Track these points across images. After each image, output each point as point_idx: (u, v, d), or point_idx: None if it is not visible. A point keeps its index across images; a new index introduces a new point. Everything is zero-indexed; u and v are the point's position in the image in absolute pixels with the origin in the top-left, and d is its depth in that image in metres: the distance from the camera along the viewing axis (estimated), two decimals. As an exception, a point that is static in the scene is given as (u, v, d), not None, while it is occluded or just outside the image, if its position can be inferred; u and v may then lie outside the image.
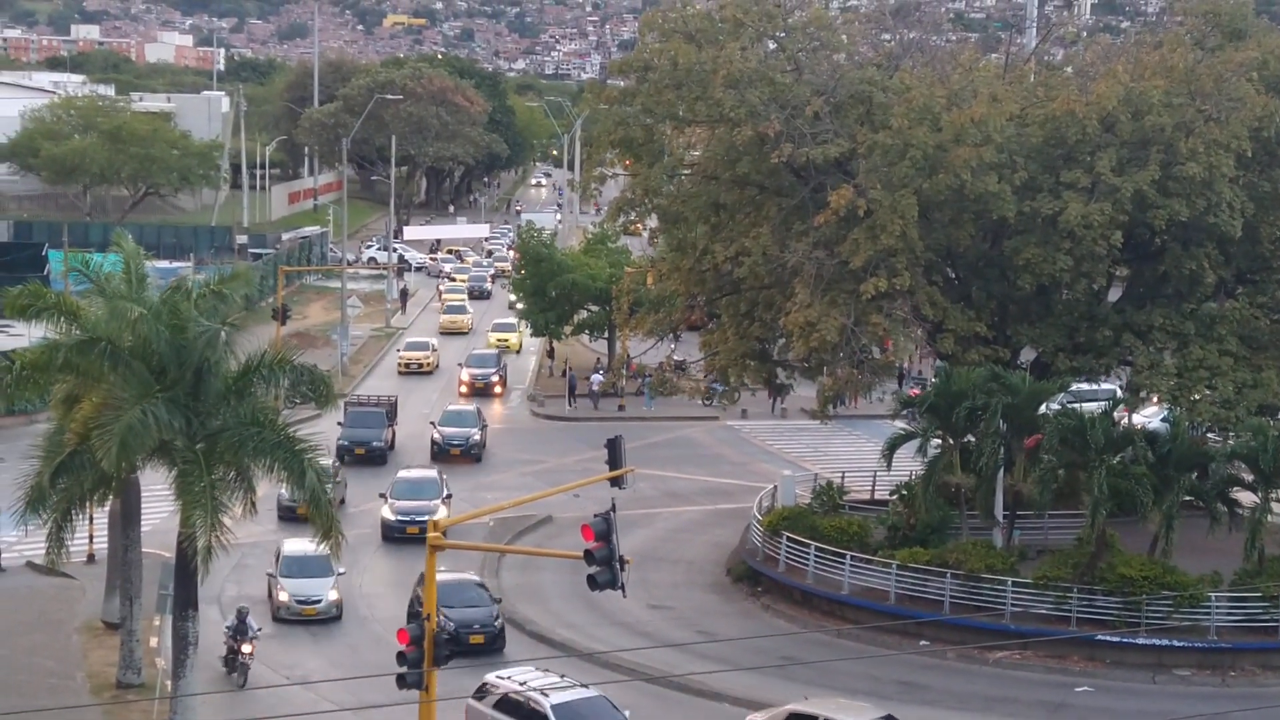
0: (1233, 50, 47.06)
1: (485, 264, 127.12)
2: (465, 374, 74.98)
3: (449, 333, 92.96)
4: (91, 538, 44.98)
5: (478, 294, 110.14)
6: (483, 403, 70.33)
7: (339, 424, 59.40)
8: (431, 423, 63.22)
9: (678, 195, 50.98)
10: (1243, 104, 44.30)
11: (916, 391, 54.46)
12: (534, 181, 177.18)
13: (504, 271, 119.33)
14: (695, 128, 51.04)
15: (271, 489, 43.34)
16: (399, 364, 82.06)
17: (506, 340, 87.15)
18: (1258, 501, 40.15)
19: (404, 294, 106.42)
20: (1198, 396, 44.70)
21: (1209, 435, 45.96)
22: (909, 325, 48.86)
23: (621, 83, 52.33)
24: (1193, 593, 39.10)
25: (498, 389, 75.10)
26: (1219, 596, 39.40)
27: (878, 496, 50.11)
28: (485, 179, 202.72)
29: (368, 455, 59.49)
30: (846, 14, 62.20)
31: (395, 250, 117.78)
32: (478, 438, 62.12)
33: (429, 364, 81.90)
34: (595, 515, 28.09)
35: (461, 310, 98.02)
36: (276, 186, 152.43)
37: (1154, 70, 45.62)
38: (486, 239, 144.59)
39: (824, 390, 49.94)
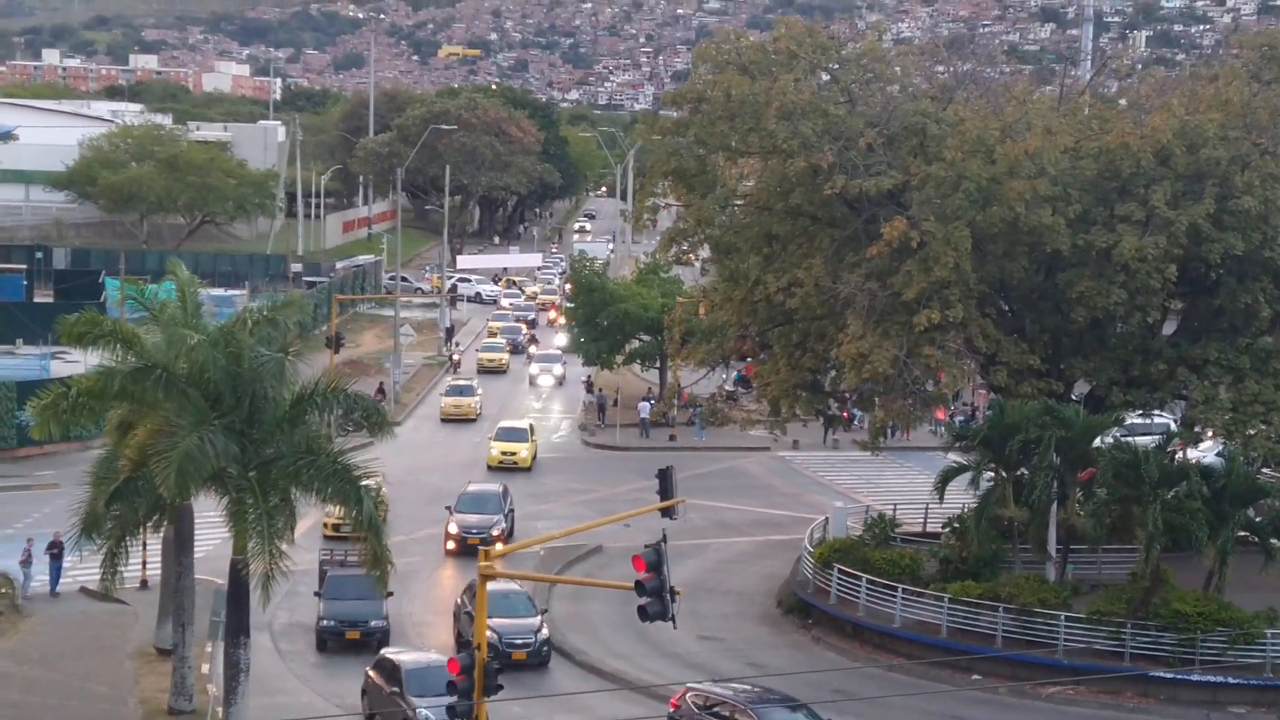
0: (1290, 84, 46.79)
1: (525, 306, 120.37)
2: (454, 524, 51.90)
3: (451, 420, 77.81)
4: (145, 564, 45.30)
5: (514, 347, 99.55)
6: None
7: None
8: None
9: (730, 226, 51.04)
10: (1298, 137, 44.02)
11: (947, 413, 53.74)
12: (577, 227, 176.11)
13: (550, 306, 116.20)
14: (748, 159, 51.10)
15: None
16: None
17: (515, 454, 65.66)
18: (1314, 538, 39.75)
19: (450, 331, 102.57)
20: (1253, 431, 44.29)
21: (1264, 470, 45.54)
22: (962, 357, 48.67)
23: (675, 114, 52.47)
24: (1248, 630, 38.73)
25: (499, 544, 48.98)
26: (1274, 633, 39.00)
27: (930, 529, 49.89)
28: (538, 209, 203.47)
29: (362, 639, 41.75)
30: (900, 46, 62.29)
31: (453, 279, 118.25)
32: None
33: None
34: (646, 546, 28.10)
35: (468, 392, 79.72)
36: (331, 215, 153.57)
37: (1209, 103, 45.40)
38: (539, 268, 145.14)
39: (876, 422, 49.81)
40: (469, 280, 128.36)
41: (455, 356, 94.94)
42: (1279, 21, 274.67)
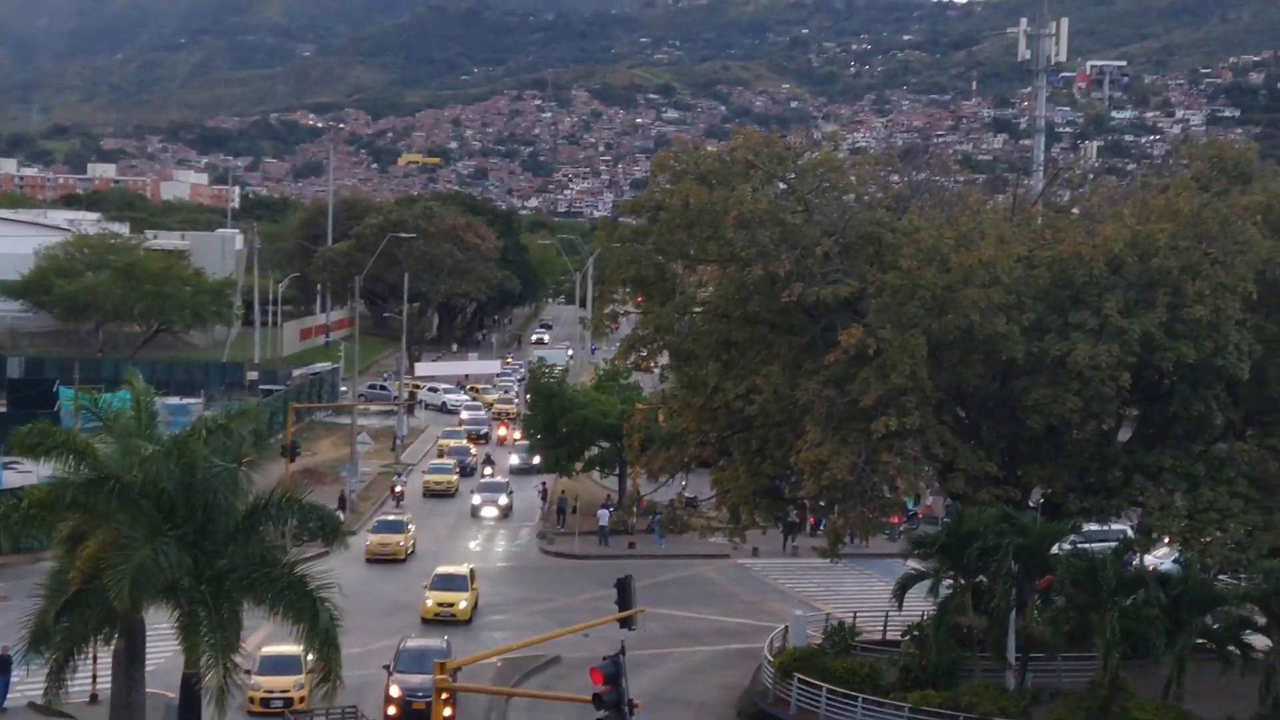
0: (1238, 194, 47.53)
1: (482, 419, 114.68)
2: (395, 685, 43.99)
3: (378, 560, 67.38)
4: (95, 677, 44.56)
5: (463, 469, 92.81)
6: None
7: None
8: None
9: (689, 333, 51.24)
10: (1248, 247, 44.61)
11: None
12: (535, 338, 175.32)
13: (501, 424, 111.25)
14: (706, 266, 51.42)
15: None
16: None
17: (452, 606, 56.48)
18: (1271, 645, 39.74)
19: (395, 440, 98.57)
20: (1209, 538, 44.44)
21: (1221, 577, 45.64)
22: (920, 464, 48.78)
23: (633, 221, 52.84)
24: (1208, 738, 38.60)
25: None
26: (1235, 742, 38.88)
27: (890, 637, 49.68)
28: (497, 315, 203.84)
29: None
30: (856, 156, 62.92)
31: (426, 387, 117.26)
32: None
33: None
34: (604, 658, 27.91)
35: (397, 528, 69.65)
36: (289, 323, 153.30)
37: (1160, 213, 45.99)
38: (498, 375, 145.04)
39: (835, 529, 49.74)
40: (436, 389, 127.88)
41: (398, 486, 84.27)
42: (1226, 133, 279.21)
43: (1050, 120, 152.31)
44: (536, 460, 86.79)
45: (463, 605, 56.55)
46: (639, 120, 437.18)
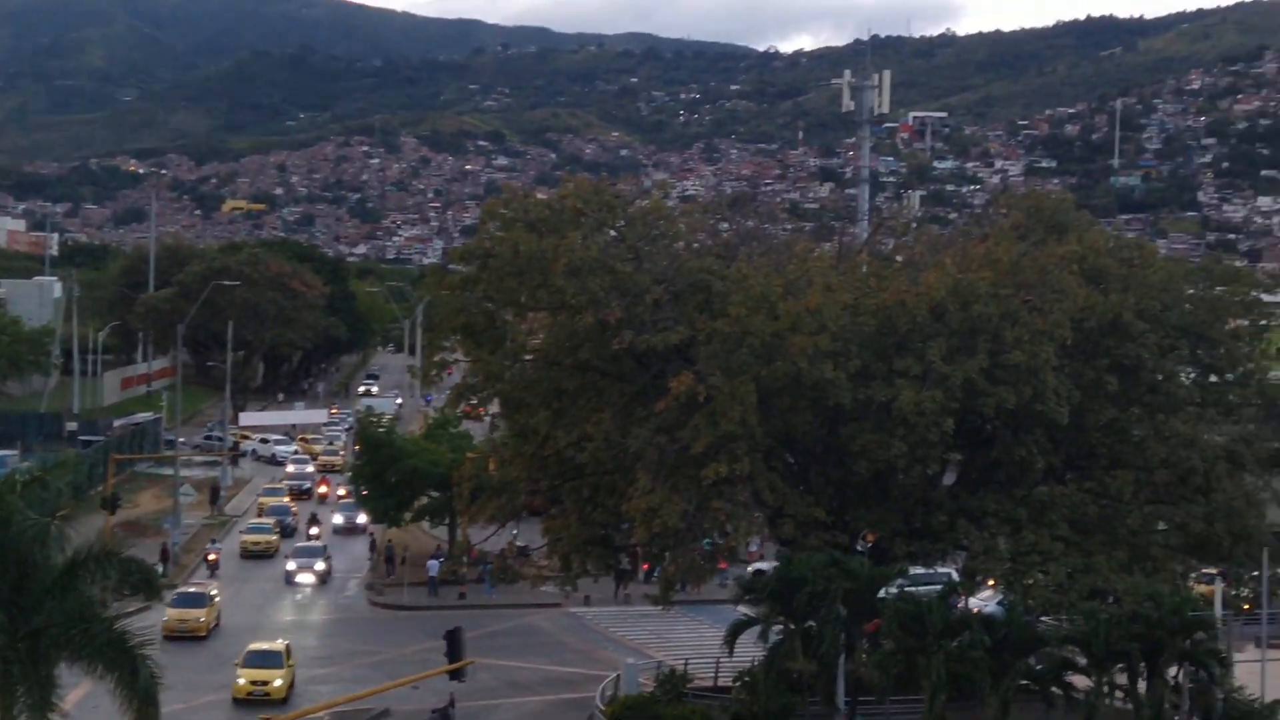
0: (1055, 243, 48.81)
1: (309, 470, 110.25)
2: None
3: (177, 636, 58.89)
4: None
5: (284, 529, 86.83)
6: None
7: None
8: None
9: (519, 381, 51.06)
10: (1065, 295, 45.78)
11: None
12: (362, 390, 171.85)
13: (321, 481, 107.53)
14: (537, 314, 51.36)
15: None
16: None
17: (266, 685, 51.20)
18: (1092, 685, 40.57)
19: (214, 491, 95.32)
20: (1031, 581, 45.32)
21: (1044, 619, 46.53)
22: (750, 510, 49.09)
23: (463, 269, 52.59)
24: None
25: None
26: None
27: (721, 683, 49.77)
28: (324, 364, 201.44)
29: None
30: (685, 204, 63.44)
31: (237, 436, 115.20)
32: None
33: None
34: (433, 710, 27.58)
35: (198, 601, 62.74)
36: (109, 372, 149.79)
37: (980, 262, 47.01)
38: (325, 425, 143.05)
39: (666, 575, 49.81)
40: (267, 440, 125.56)
41: (211, 554, 77.36)
42: (1044, 183, 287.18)
43: (874, 170, 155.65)
44: (362, 519, 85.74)
45: (278, 683, 51.60)
46: (468, 167, 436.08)
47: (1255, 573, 51.51)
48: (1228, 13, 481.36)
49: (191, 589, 66.37)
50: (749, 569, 59.79)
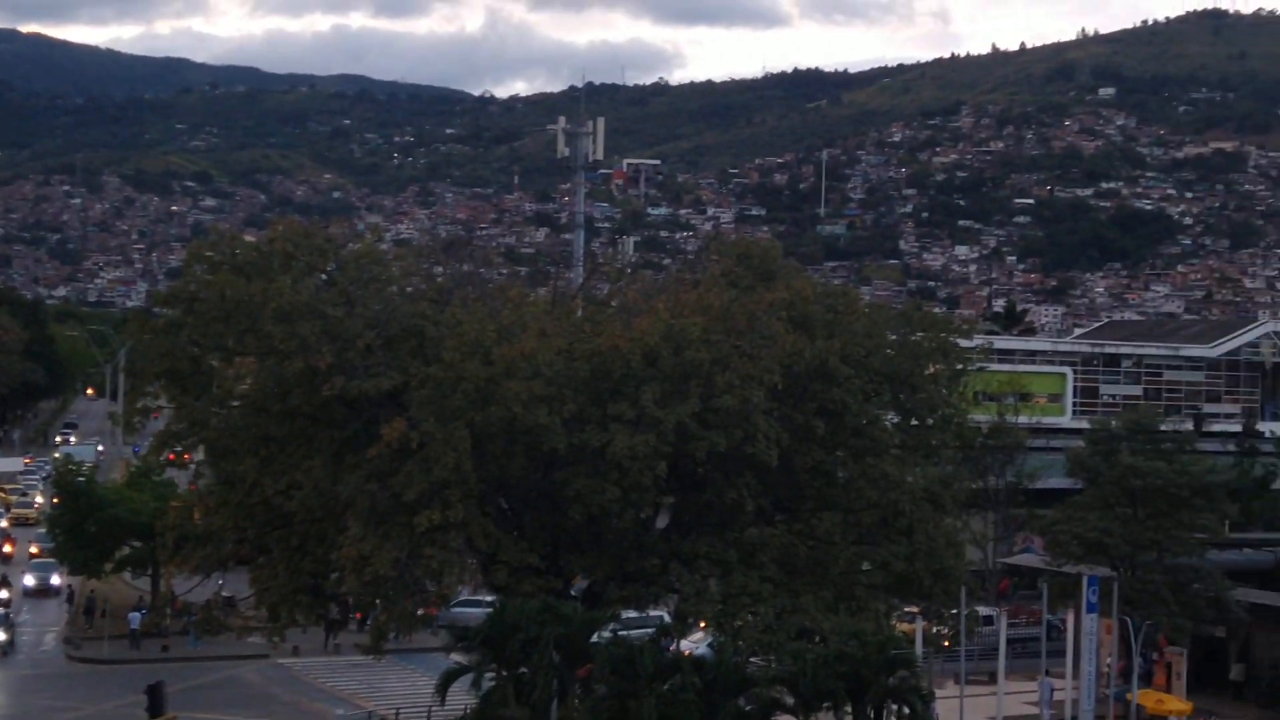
0: (764, 290, 49.74)
1: (2, 525, 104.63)
2: None
3: None
4: None
5: None
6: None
7: None
8: None
9: (226, 428, 49.68)
10: (773, 341, 46.70)
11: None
12: (59, 439, 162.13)
13: (26, 519, 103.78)
14: (244, 359, 50.15)
15: None
16: None
17: None
18: (800, 724, 41.24)
19: None
20: (740, 622, 45.88)
21: (753, 659, 47.15)
22: (464, 557, 48.69)
23: (168, 312, 51.05)
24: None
25: None
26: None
27: (434, 733, 49.21)
28: (20, 410, 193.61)
29: None
30: (399, 247, 62.92)
31: None
32: None
33: None
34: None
35: None
36: None
37: (693, 307, 47.64)
38: (20, 474, 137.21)
39: (377, 624, 49.00)
40: None
41: None
42: (754, 230, 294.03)
43: (590, 215, 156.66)
44: (56, 580, 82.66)
45: None
46: (175, 208, 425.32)
47: (954, 611, 53.23)
48: (926, 68, 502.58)
49: None
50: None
